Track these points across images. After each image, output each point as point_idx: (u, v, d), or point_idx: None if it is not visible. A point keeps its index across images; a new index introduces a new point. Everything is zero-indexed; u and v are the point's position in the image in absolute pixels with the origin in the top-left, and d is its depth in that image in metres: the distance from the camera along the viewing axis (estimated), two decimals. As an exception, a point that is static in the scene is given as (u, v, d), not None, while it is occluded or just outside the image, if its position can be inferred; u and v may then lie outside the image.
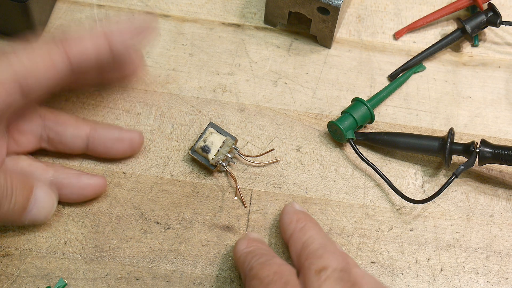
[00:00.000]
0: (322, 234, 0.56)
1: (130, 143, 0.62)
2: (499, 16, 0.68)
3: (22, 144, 0.59)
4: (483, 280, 0.61)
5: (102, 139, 0.61)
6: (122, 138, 0.61)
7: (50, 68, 0.54)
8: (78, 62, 0.56)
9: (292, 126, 0.66)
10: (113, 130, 0.62)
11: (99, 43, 0.56)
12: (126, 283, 0.59)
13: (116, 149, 0.62)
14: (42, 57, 0.54)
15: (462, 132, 0.66)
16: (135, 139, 0.62)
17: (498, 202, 0.64)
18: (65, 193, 0.60)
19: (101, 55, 0.56)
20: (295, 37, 0.70)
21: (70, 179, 0.60)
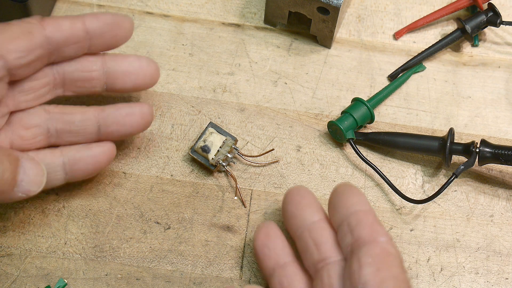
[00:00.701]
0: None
1: (142, 115, 0.60)
2: (499, 16, 0.68)
3: (28, 139, 0.58)
4: (483, 280, 0.61)
5: (112, 117, 0.59)
6: (132, 112, 0.59)
7: (28, 38, 0.55)
8: (55, 37, 0.56)
9: (292, 126, 0.66)
10: (122, 106, 0.60)
11: (74, 20, 0.57)
12: (126, 283, 0.59)
13: (129, 124, 0.60)
14: (20, 29, 0.55)
15: (462, 132, 0.66)
16: (145, 111, 0.60)
17: (498, 202, 0.64)
18: (80, 168, 0.58)
19: (76, 31, 0.57)
20: (295, 37, 0.70)
21: (81, 152, 0.58)
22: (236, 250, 0.61)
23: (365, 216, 0.53)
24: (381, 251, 0.51)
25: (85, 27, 0.57)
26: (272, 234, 0.57)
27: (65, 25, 0.57)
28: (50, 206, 0.61)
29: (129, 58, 0.60)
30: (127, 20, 0.59)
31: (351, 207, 0.54)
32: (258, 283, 0.59)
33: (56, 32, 0.56)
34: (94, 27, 0.58)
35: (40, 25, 0.56)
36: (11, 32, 0.55)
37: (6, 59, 0.54)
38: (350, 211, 0.54)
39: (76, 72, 0.59)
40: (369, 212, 0.54)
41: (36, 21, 0.56)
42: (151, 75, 0.60)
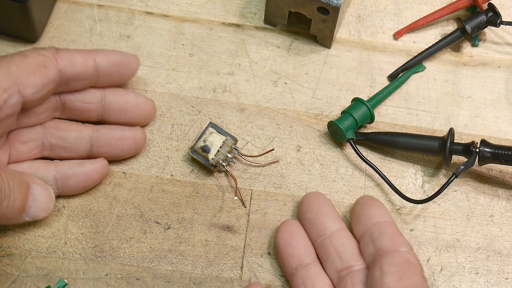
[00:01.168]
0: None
1: (134, 140, 0.62)
2: (499, 16, 0.68)
3: (24, 153, 0.60)
4: (483, 280, 0.61)
5: (105, 139, 0.61)
6: (125, 136, 0.61)
7: (43, 73, 0.57)
8: (67, 71, 0.58)
9: (292, 126, 0.66)
10: (116, 129, 0.62)
11: (86, 57, 0.59)
12: (126, 283, 0.59)
13: (121, 148, 0.62)
14: (35, 62, 0.57)
15: (462, 132, 0.66)
16: (138, 136, 0.62)
17: (498, 202, 0.64)
18: (72, 184, 0.60)
19: (87, 68, 0.59)
20: (295, 37, 0.70)
21: (74, 168, 0.60)
22: (236, 250, 0.61)
23: (386, 227, 0.56)
24: (403, 260, 0.54)
25: (95, 65, 0.59)
26: (296, 233, 0.59)
27: (78, 61, 0.59)
28: (50, 206, 0.61)
29: (128, 95, 0.62)
30: (134, 61, 0.62)
31: (373, 219, 0.57)
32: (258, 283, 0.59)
33: (69, 67, 0.58)
34: (104, 66, 0.60)
35: (54, 59, 0.58)
36: (27, 65, 0.56)
37: (23, 94, 0.56)
38: (372, 222, 0.57)
39: (76, 102, 0.61)
40: (390, 223, 0.57)
41: (51, 54, 0.58)
42: (146, 114, 0.63)
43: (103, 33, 0.69)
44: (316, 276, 0.57)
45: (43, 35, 0.68)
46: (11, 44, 0.67)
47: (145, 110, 0.63)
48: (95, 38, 0.68)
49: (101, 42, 0.68)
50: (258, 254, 0.61)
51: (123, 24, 0.69)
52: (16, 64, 0.56)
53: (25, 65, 0.56)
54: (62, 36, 0.68)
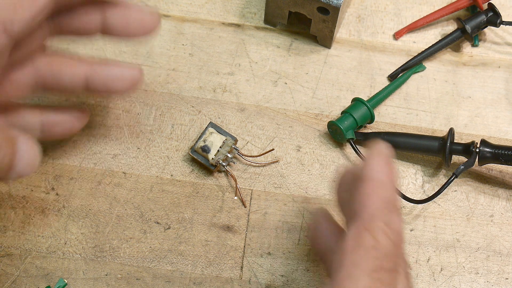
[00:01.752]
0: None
1: (131, 80, 0.58)
2: (499, 16, 0.68)
3: (14, 94, 0.56)
4: (483, 280, 0.61)
5: (101, 78, 0.57)
6: (122, 75, 0.57)
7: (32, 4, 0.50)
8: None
9: (292, 126, 0.66)
10: (113, 68, 0.57)
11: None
12: (126, 283, 0.59)
13: (117, 88, 0.58)
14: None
15: (462, 132, 0.66)
16: (135, 76, 0.58)
17: (498, 202, 0.64)
18: (56, 130, 0.58)
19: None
20: (295, 37, 0.70)
21: (58, 116, 0.58)
22: (236, 250, 0.61)
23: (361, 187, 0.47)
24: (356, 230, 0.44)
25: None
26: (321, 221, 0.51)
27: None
28: (50, 206, 0.61)
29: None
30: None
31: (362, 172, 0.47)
32: (258, 283, 0.59)
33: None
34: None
35: None
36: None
37: (11, 33, 0.50)
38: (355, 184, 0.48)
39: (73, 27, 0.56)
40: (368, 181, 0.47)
41: None
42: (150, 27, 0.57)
43: (103, 33, 0.68)
44: None
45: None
46: None
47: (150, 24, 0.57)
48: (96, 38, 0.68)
49: (101, 42, 0.68)
50: (258, 254, 0.61)
51: (123, 24, 0.69)
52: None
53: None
54: (62, 36, 0.68)
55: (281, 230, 0.61)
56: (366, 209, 0.45)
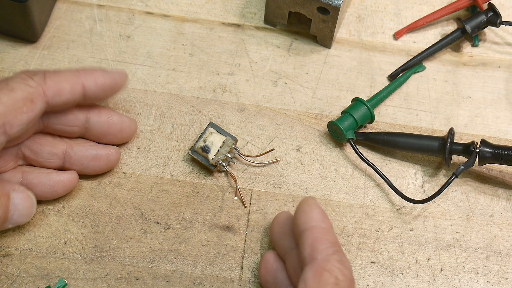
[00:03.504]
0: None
1: (107, 161, 0.61)
2: (499, 16, 0.68)
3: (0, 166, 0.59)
4: (483, 280, 0.61)
5: (78, 157, 0.61)
6: (99, 156, 0.61)
7: (30, 110, 0.55)
8: (54, 101, 0.57)
9: (292, 126, 0.66)
10: (90, 148, 0.61)
11: (75, 85, 0.58)
12: (126, 283, 0.59)
13: (92, 168, 0.61)
14: (23, 97, 0.55)
15: (462, 132, 0.66)
16: (111, 156, 0.61)
17: (498, 202, 0.64)
18: (36, 192, 0.59)
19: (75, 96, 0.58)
20: (295, 37, 0.70)
21: (40, 178, 0.59)
22: (236, 250, 0.61)
23: (308, 235, 0.53)
24: (315, 271, 0.50)
25: (84, 90, 0.58)
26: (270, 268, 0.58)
27: (66, 90, 0.57)
28: (50, 206, 0.61)
29: (112, 118, 0.61)
30: (122, 79, 0.60)
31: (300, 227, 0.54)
32: (258, 283, 0.59)
33: (56, 97, 0.57)
34: (92, 91, 0.59)
35: (41, 91, 0.56)
36: (15, 103, 0.54)
37: (9, 134, 0.55)
38: (299, 232, 0.54)
39: (59, 125, 0.60)
40: (313, 229, 0.53)
41: (38, 85, 0.56)
42: (128, 135, 0.63)
43: (103, 33, 0.69)
44: None
45: (43, 35, 0.68)
46: (11, 44, 0.67)
47: (128, 133, 0.62)
48: (95, 38, 0.68)
49: (101, 42, 0.68)
50: (258, 254, 0.61)
51: (123, 24, 0.69)
52: (3, 102, 0.54)
53: (13, 103, 0.54)
54: (62, 36, 0.68)
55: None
56: (319, 252, 0.51)
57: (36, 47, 0.68)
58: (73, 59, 0.67)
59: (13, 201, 0.56)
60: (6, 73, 0.66)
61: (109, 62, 0.67)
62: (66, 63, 0.67)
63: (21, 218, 0.57)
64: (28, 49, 0.67)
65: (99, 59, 0.67)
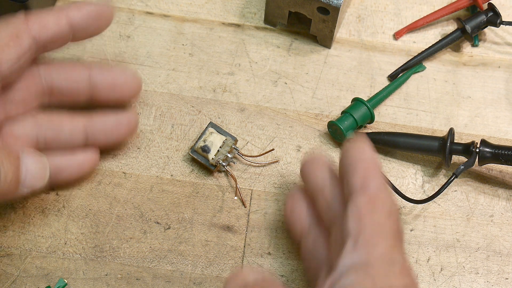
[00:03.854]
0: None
1: (128, 126, 0.61)
2: (499, 16, 0.68)
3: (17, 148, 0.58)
4: (483, 280, 0.61)
5: (100, 127, 0.60)
6: (119, 121, 0.61)
7: (17, 44, 0.55)
8: (42, 36, 0.56)
9: (292, 126, 0.66)
10: (109, 115, 0.61)
11: (59, 16, 0.57)
12: (126, 283, 0.59)
13: (116, 134, 0.61)
14: (7, 34, 0.55)
15: (462, 132, 0.66)
16: (132, 120, 0.61)
17: (498, 202, 0.64)
18: (64, 175, 0.59)
19: (61, 28, 0.57)
20: (295, 37, 0.70)
21: (66, 159, 0.60)
22: (236, 250, 0.61)
23: (360, 164, 0.52)
24: (368, 198, 0.50)
25: (69, 22, 0.57)
26: (298, 199, 0.57)
27: (51, 23, 0.56)
28: (50, 206, 0.61)
29: (115, 72, 0.61)
30: (108, 9, 0.59)
31: (350, 157, 0.53)
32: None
33: (43, 32, 0.56)
34: (78, 21, 0.58)
35: (26, 26, 0.56)
36: (0, 38, 0.54)
37: (0, 70, 0.54)
38: (349, 162, 0.52)
39: (63, 82, 0.59)
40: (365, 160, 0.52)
41: (22, 22, 0.56)
42: (135, 88, 0.62)
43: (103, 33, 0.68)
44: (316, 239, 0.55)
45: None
46: None
47: (134, 85, 0.62)
48: (95, 38, 0.68)
49: (101, 42, 0.68)
50: (258, 254, 0.61)
51: (123, 24, 0.69)
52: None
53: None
54: (62, 36, 0.68)
55: (281, 230, 0.61)
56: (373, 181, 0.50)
57: (36, 47, 0.68)
58: (73, 59, 0.67)
59: (24, 161, 0.55)
60: (6, 73, 0.66)
61: (109, 62, 0.67)
62: (66, 63, 0.67)
63: (35, 181, 0.55)
64: (28, 49, 0.67)
65: (99, 59, 0.67)
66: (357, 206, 0.49)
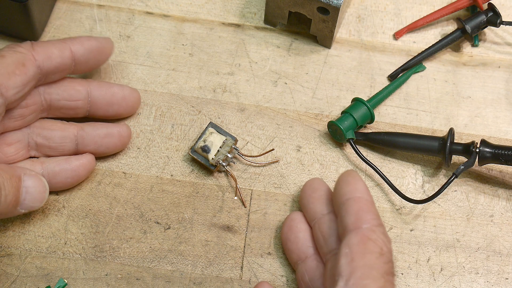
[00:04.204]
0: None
1: (120, 137, 0.62)
2: (499, 16, 0.68)
3: (11, 155, 0.60)
4: (483, 280, 0.61)
5: (91, 137, 0.61)
6: (111, 133, 0.62)
7: (23, 72, 0.57)
8: (45, 66, 0.58)
9: (292, 126, 0.66)
10: (101, 126, 0.62)
11: (62, 49, 0.59)
12: (126, 283, 0.59)
13: (106, 145, 0.62)
14: (14, 62, 0.57)
15: (462, 132, 0.66)
16: (123, 133, 0.62)
17: (498, 202, 0.64)
18: (60, 180, 0.60)
19: (64, 60, 0.59)
20: (295, 37, 0.70)
21: (61, 165, 0.60)
22: (236, 250, 0.61)
23: (354, 204, 0.54)
24: (360, 239, 0.52)
25: (72, 55, 0.60)
26: (295, 227, 0.59)
27: (55, 54, 0.59)
28: (50, 206, 0.61)
29: (113, 88, 0.62)
30: (108, 44, 0.62)
31: (344, 196, 0.55)
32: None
33: (47, 62, 0.59)
34: (80, 54, 0.60)
35: (31, 56, 0.58)
36: (7, 66, 0.56)
37: (6, 96, 0.56)
38: (342, 200, 0.54)
39: (62, 100, 0.61)
40: (359, 199, 0.54)
41: (27, 51, 0.58)
42: (132, 105, 0.64)
43: (103, 33, 0.69)
44: (314, 268, 0.57)
45: (43, 35, 0.68)
46: (11, 44, 0.67)
47: (131, 102, 0.63)
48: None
49: (101, 42, 0.68)
50: (258, 254, 0.61)
51: (123, 24, 0.69)
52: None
53: (4, 66, 0.56)
54: (62, 36, 0.68)
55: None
56: (365, 221, 0.52)
57: (36, 47, 0.68)
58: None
59: (24, 184, 0.56)
60: (6, 73, 0.66)
61: (109, 62, 0.67)
62: (66, 63, 0.67)
63: (33, 202, 0.57)
64: (28, 49, 0.67)
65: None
66: (349, 246, 0.51)
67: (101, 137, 0.61)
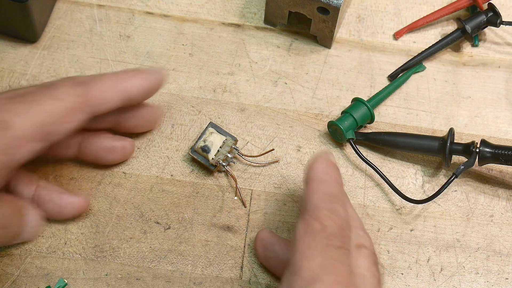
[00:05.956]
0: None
1: (122, 153, 0.62)
2: (499, 16, 0.68)
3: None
4: (483, 280, 0.61)
5: (94, 148, 0.61)
6: (114, 148, 0.61)
7: (72, 121, 0.55)
8: (98, 110, 0.57)
9: (292, 126, 0.66)
10: (105, 140, 0.61)
11: (117, 92, 0.57)
12: (126, 283, 0.59)
13: (106, 159, 0.61)
14: (66, 107, 0.55)
15: (462, 132, 0.66)
16: (126, 149, 0.62)
17: (498, 202, 0.64)
18: (44, 209, 0.59)
19: (117, 104, 0.58)
20: (295, 37, 0.70)
21: (52, 195, 0.59)
22: (236, 250, 0.61)
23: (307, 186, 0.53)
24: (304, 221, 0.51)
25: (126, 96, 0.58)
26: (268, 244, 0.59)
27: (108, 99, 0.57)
28: (50, 206, 0.61)
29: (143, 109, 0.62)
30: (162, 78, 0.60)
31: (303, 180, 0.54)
32: (258, 283, 0.59)
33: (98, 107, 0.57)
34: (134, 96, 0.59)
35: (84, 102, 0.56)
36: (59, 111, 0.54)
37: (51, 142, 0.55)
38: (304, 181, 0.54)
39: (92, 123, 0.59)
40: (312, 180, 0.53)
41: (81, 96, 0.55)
42: (156, 122, 0.64)
43: (103, 33, 0.69)
44: None
45: (43, 35, 0.68)
46: (11, 44, 0.67)
47: (156, 119, 0.63)
48: (95, 38, 0.68)
49: (101, 42, 0.68)
50: (258, 254, 0.61)
51: (123, 24, 0.69)
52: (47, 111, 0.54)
53: (57, 113, 0.54)
54: (62, 36, 0.68)
55: (281, 230, 0.61)
56: (311, 202, 0.51)
57: (36, 47, 0.68)
58: (73, 59, 0.67)
59: (26, 217, 0.57)
60: (6, 73, 0.66)
61: (109, 62, 0.67)
62: (66, 63, 0.67)
63: (29, 235, 0.58)
64: (28, 49, 0.67)
65: (99, 59, 0.67)
66: (295, 232, 0.51)
67: (104, 151, 0.61)
